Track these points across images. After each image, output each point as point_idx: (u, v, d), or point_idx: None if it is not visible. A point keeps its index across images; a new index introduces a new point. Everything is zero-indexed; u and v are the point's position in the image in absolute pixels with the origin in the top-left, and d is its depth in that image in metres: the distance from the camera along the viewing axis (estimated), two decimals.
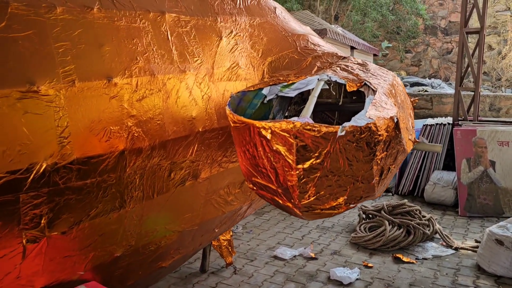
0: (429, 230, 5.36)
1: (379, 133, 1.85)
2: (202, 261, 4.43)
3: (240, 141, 1.98)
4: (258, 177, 1.96)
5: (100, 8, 2.15)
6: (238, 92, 2.51)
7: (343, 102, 3.91)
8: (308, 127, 1.68)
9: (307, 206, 1.85)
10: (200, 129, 2.54)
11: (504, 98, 9.32)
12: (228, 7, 3.05)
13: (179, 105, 2.44)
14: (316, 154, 1.74)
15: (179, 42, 2.55)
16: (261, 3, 3.40)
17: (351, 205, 2.01)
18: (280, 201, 1.94)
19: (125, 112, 2.13)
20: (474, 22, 9.39)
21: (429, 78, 12.37)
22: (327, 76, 2.45)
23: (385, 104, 2.08)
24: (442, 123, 7.87)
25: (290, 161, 1.73)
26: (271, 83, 2.60)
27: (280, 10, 3.60)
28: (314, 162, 1.75)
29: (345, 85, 2.37)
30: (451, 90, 10.73)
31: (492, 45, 11.82)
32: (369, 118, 1.82)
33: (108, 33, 2.15)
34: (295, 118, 1.76)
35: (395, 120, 1.99)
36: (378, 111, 1.94)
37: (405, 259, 4.79)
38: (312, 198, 1.82)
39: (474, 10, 8.19)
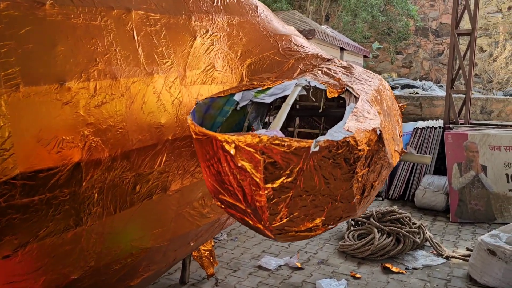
0: (419, 238, 5.18)
1: (359, 147, 1.65)
2: (181, 272, 4.21)
3: (204, 154, 1.77)
4: (225, 195, 1.75)
5: (53, 3, 1.93)
6: (205, 98, 2.29)
7: (328, 106, 3.69)
8: (277, 141, 1.48)
9: (279, 228, 1.65)
10: (170, 137, 2.33)
11: (495, 101, 9.20)
12: (204, 4, 2.83)
13: (145, 111, 2.23)
14: (287, 172, 1.53)
15: (147, 42, 2.34)
16: (241, 1, 3.19)
17: (330, 226, 1.81)
18: (250, 222, 1.73)
19: (81, 119, 1.92)
20: (465, 24, 9.27)
21: (420, 80, 12.23)
22: (306, 81, 2.24)
23: (367, 113, 1.88)
24: (433, 126, 7.72)
25: (257, 180, 1.52)
26: (243, 88, 2.39)
27: (262, 9, 3.39)
28: (285, 181, 1.55)
29: (325, 90, 2.18)
30: (442, 93, 10.60)
31: (483, 47, 11.71)
32: (348, 131, 1.62)
33: (63, 32, 1.94)
34: (262, 131, 1.56)
35: (378, 132, 1.80)
36: (359, 121, 1.75)
37: (394, 269, 4.61)
38: (284, 220, 1.62)
39: (465, 11, 8.05)
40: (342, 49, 9.44)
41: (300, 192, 1.60)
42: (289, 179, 1.54)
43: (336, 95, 2.13)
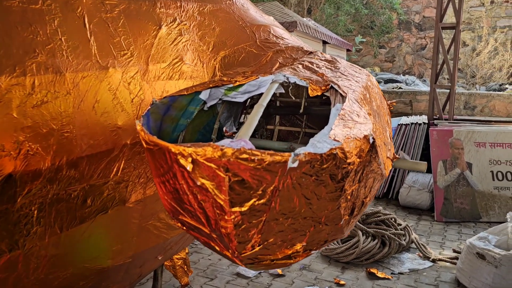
0: (405, 240, 4.97)
1: (348, 161, 1.37)
2: (153, 283, 3.89)
3: (157, 168, 1.47)
4: (186, 216, 1.45)
5: None
6: (164, 97, 1.97)
7: (311, 103, 3.39)
8: (244, 155, 1.18)
9: (251, 258, 1.36)
10: (129, 141, 2.02)
11: (479, 96, 9.06)
12: None
13: (98, 111, 1.91)
14: (259, 192, 1.24)
15: (101, 31, 2.01)
16: None
17: (313, 251, 1.52)
18: (216, 248, 1.44)
19: (14, 123, 1.59)
20: (448, 18, 9.09)
21: (403, 75, 12.06)
22: (284, 76, 1.94)
23: (357, 115, 1.60)
24: (417, 122, 7.51)
25: (221, 202, 1.23)
26: (211, 85, 2.07)
27: None
28: (256, 203, 1.25)
29: (307, 88, 1.89)
30: (425, 87, 10.44)
31: (466, 41, 11.59)
32: (334, 140, 1.34)
33: None
34: (226, 141, 1.26)
35: (371, 140, 1.52)
36: (347, 127, 1.46)
37: (380, 274, 4.38)
38: (257, 248, 1.33)
39: (449, 5, 7.86)
40: (324, 42, 9.16)
41: (276, 215, 1.31)
42: (262, 201, 1.25)
43: (319, 93, 1.84)
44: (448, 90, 8.12)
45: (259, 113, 1.68)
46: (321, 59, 2.40)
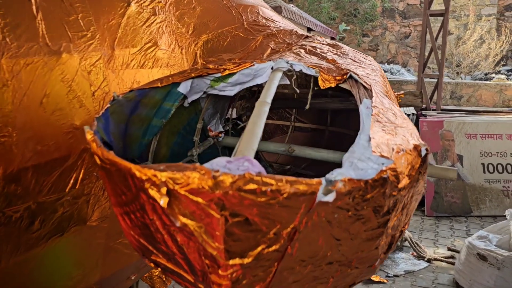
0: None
1: (399, 186, 1.01)
2: None
3: (117, 194, 1.08)
4: (160, 257, 1.08)
5: None
6: (130, 91, 1.57)
7: (300, 94, 2.99)
8: (251, 186, 0.81)
9: None
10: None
11: (465, 85, 8.86)
12: None
13: (48, 108, 1.50)
14: (270, 237, 0.88)
15: (52, 7, 1.60)
16: None
17: None
18: None
19: None
20: (434, 6, 8.81)
21: (387, 64, 11.80)
22: (287, 63, 1.57)
23: (393, 115, 1.25)
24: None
25: (213, 252, 0.86)
26: (193, 75, 1.67)
27: None
28: (265, 251, 0.89)
29: (315, 78, 1.52)
30: (410, 77, 10.21)
31: (451, 29, 11.36)
32: (382, 156, 0.98)
33: None
34: (221, 161, 0.87)
35: (423, 152, 1.16)
36: (388, 132, 1.11)
37: (374, 277, 4.08)
38: None
39: None
40: (309, 29, 8.79)
41: (292, 264, 0.94)
42: (273, 247, 0.89)
43: (332, 85, 1.47)
44: (435, 80, 7.88)
45: (264, 113, 1.29)
46: (323, 43, 2.03)
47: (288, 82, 1.68)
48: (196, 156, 2.02)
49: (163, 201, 0.86)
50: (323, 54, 1.76)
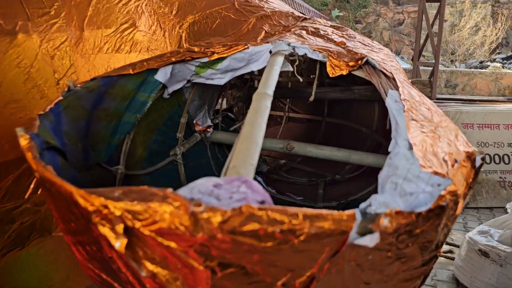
0: None
1: (457, 212, 0.79)
2: None
3: (64, 220, 0.84)
4: None
5: None
6: (92, 79, 1.31)
7: (295, 83, 2.76)
8: (252, 226, 0.58)
9: None
10: None
11: (460, 74, 8.69)
12: None
13: (1, 99, 1.25)
14: None
15: None
16: None
17: None
18: None
19: None
20: None
21: None
22: (289, 45, 1.32)
23: (427, 110, 1.02)
24: None
25: None
26: (174, 59, 1.41)
27: None
28: None
29: (323, 63, 1.29)
30: (404, 64, 10.00)
31: (446, 16, 11.14)
32: (435, 173, 0.75)
33: None
34: (205, 184, 0.63)
35: (479, 162, 0.93)
36: (431, 136, 0.88)
37: None
38: None
39: None
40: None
41: None
42: None
43: (344, 72, 1.23)
44: (430, 68, 7.69)
45: (265, 110, 1.04)
46: (325, 25, 1.78)
47: (291, 69, 1.43)
48: (180, 155, 1.78)
49: (119, 244, 0.62)
50: (328, 36, 1.51)
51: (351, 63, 1.24)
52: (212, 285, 0.59)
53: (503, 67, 9.33)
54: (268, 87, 1.19)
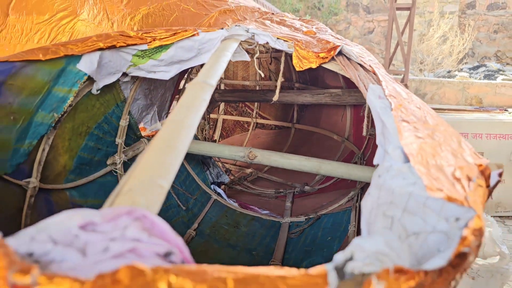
0: None
1: (478, 253, 0.60)
2: None
3: None
4: None
5: None
6: None
7: (263, 87, 2.57)
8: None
9: None
10: None
11: (429, 83, 8.74)
12: None
13: None
14: None
15: None
16: None
17: None
18: None
19: None
20: (398, 0, 8.61)
21: None
22: (246, 31, 1.11)
23: (418, 109, 0.83)
24: None
25: None
26: (102, 45, 1.16)
27: None
28: None
29: (289, 55, 1.09)
30: None
31: (415, 26, 11.26)
32: (449, 198, 0.54)
33: None
34: (68, 223, 0.40)
35: (496, 179, 0.74)
36: (431, 145, 0.68)
37: None
38: None
39: None
40: None
41: None
42: None
43: (314, 65, 1.03)
44: (400, 76, 7.68)
45: (201, 103, 0.82)
46: (293, 18, 1.60)
47: (248, 58, 1.22)
48: (121, 165, 1.52)
49: None
50: (296, 27, 1.32)
51: (321, 54, 1.04)
52: None
53: (470, 77, 9.44)
54: (211, 76, 0.91)
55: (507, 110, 7.40)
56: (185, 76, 2.06)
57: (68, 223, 0.39)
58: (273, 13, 2.06)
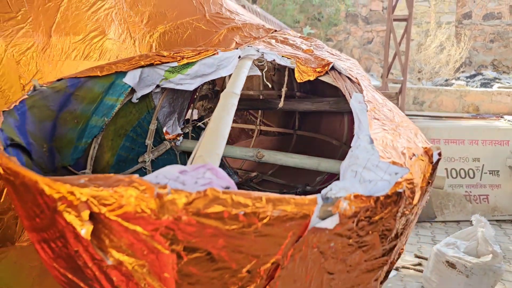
0: None
1: (414, 201, 0.83)
2: None
3: (29, 215, 0.84)
4: None
5: None
6: (58, 79, 1.30)
7: (267, 95, 2.79)
8: (216, 208, 0.60)
9: None
10: None
11: (427, 91, 8.96)
12: None
13: None
14: (242, 275, 0.67)
15: None
16: None
17: None
18: None
19: None
20: (396, 11, 8.87)
21: None
22: (257, 51, 1.35)
23: (388, 110, 1.07)
24: None
25: None
26: (143, 63, 1.42)
27: None
28: None
29: (290, 72, 1.32)
30: (374, 81, 10.24)
31: (413, 36, 11.51)
32: (393, 163, 0.79)
33: None
34: (171, 171, 0.65)
35: (436, 157, 0.99)
36: (391, 134, 0.92)
37: None
38: None
39: None
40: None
41: None
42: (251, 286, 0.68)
43: (312, 78, 1.27)
44: (398, 85, 7.90)
45: (232, 107, 1.07)
46: (295, 36, 1.83)
47: (259, 73, 1.46)
48: (149, 163, 1.76)
49: (84, 231, 0.62)
50: (297, 45, 1.55)
51: (318, 69, 1.28)
52: (178, 270, 0.60)
53: (466, 85, 9.66)
54: (235, 87, 1.22)
55: (503, 117, 7.61)
56: (198, 89, 2.27)
57: (172, 170, 0.62)
58: (275, 30, 2.28)
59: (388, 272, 1.00)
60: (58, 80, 1.26)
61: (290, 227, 0.65)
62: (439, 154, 1.01)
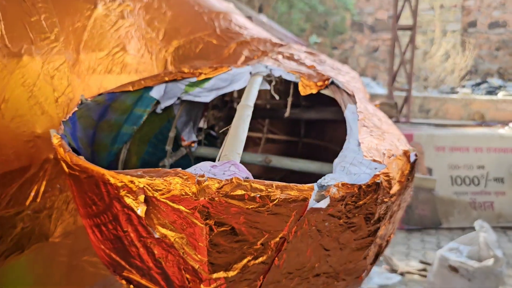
0: None
1: (391, 192, 1.00)
2: None
3: (87, 205, 1.02)
4: (134, 273, 1.00)
5: None
6: (99, 94, 1.49)
7: (274, 105, 2.95)
8: (239, 191, 0.79)
9: None
10: (52, 155, 1.51)
11: (433, 99, 9.05)
12: None
13: (7, 115, 1.39)
14: (257, 247, 0.85)
15: (12, 7, 1.49)
16: None
17: None
18: None
19: None
20: (401, 20, 9.03)
21: None
22: (266, 68, 1.53)
23: (378, 120, 1.23)
24: None
25: (195, 265, 0.82)
26: (167, 79, 1.61)
27: None
28: (251, 263, 0.85)
29: (294, 85, 1.49)
30: (380, 89, 10.36)
31: (418, 44, 11.64)
32: (374, 160, 0.96)
33: None
34: (205, 166, 0.85)
35: (413, 158, 1.16)
36: (377, 138, 1.09)
37: None
38: None
39: (403, 7, 7.77)
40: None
41: (278, 276, 0.90)
42: (260, 259, 0.86)
43: (313, 91, 1.44)
44: (404, 93, 8.03)
45: (247, 117, 1.28)
46: (300, 51, 1.99)
47: (268, 87, 1.65)
48: (169, 167, 1.94)
49: (140, 210, 0.83)
50: (301, 61, 1.73)
51: (319, 83, 1.46)
52: (210, 240, 0.79)
53: (472, 93, 9.74)
54: (249, 100, 1.48)
55: (507, 125, 7.70)
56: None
57: (206, 165, 0.82)
58: (281, 45, 2.44)
59: (378, 254, 1.19)
60: (99, 94, 1.47)
61: (293, 208, 0.84)
62: (416, 155, 1.20)
